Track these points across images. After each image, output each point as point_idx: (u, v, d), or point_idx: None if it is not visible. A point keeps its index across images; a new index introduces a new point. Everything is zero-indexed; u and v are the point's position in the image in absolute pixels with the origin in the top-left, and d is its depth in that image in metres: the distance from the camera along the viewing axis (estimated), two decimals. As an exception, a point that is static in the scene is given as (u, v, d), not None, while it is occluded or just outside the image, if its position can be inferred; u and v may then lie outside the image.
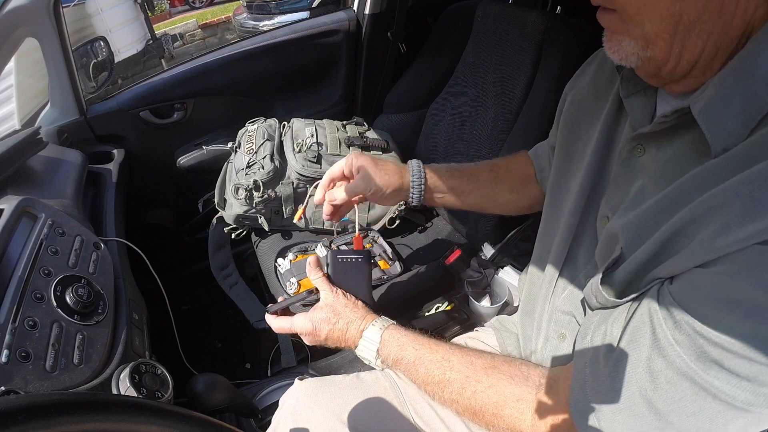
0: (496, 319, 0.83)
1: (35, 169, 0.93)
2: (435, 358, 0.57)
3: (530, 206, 0.80)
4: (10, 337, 0.53)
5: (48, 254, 0.67)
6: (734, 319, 0.34)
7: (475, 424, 0.55)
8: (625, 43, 0.42)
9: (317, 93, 1.51)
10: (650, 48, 0.41)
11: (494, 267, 1.06)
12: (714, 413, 0.36)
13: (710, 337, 0.35)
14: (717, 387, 0.35)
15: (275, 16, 4.65)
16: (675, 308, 0.38)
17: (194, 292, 1.52)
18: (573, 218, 0.58)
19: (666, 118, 0.42)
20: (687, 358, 0.36)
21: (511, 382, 0.52)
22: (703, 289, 0.36)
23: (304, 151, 1.07)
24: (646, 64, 0.43)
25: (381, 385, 0.70)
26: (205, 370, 0.76)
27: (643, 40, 0.41)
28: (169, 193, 1.46)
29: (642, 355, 0.40)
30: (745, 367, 0.34)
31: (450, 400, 0.55)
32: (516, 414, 0.50)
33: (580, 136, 0.60)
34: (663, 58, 0.41)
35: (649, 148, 0.46)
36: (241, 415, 0.89)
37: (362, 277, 0.71)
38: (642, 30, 0.40)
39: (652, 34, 0.40)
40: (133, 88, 1.29)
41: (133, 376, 0.58)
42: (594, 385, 0.43)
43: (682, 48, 0.40)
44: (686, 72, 0.42)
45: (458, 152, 1.24)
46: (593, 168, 0.56)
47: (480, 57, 1.22)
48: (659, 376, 0.38)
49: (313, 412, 0.66)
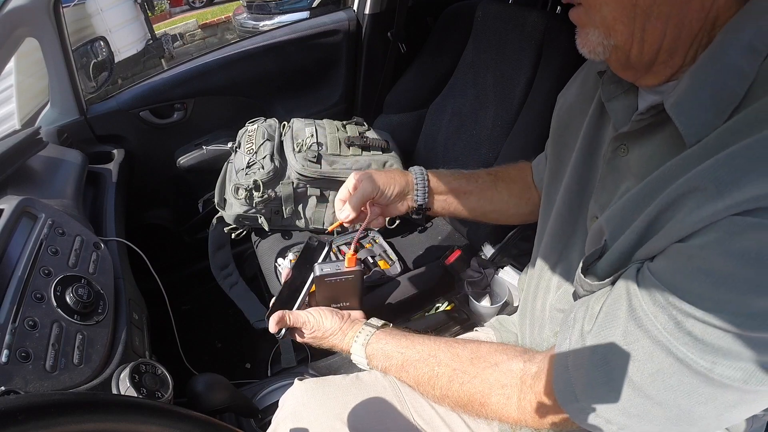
0: (495, 319, 0.83)
1: (35, 169, 0.93)
2: (422, 357, 0.57)
3: (530, 212, 0.81)
4: (10, 337, 0.53)
5: (48, 254, 0.67)
6: (704, 289, 0.34)
7: (469, 416, 0.55)
8: (591, 35, 0.44)
9: (317, 93, 1.51)
10: (612, 35, 0.42)
11: (494, 267, 1.06)
12: (691, 388, 0.36)
13: (683, 308, 0.35)
14: (692, 359, 0.35)
15: (275, 16, 4.65)
16: (650, 282, 0.38)
17: (194, 292, 1.52)
18: (563, 220, 0.59)
19: (642, 115, 0.44)
20: (663, 329, 0.36)
21: (495, 370, 0.53)
22: (675, 262, 0.36)
23: (304, 151, 1.07)
24: (613, 53, 0.44)
25: (381, 384, 0.71)
26: (205, 370, 0.76)
27: (604, 28, 0.42)
28: (169, 193, 1.46)
29: (619, 327, 0.40)
30: (719, 338, 0.33)
31: (441, 396, 0.55)
32: (502, 400, 0.51)
33: (567, 142, 0.62)
34: (625, 43, 0.42)
35: (632, 148, 0.47)
36: (241, 415, 0.89)
37: (353, 294, 0.70)
38: (601, 15, 0.42)
39: (611, 19, 0.41)
40: (133, 88, 1.29)
41: (133, 376, 0.58)
42: (575, 362, 0.43)
43: (643, 32, 0.41)
44: (653, 58, 0.42)
45: (458, 152, 1.24)
46: (579, 170, 0.57)
47: (480, 57, 1.22)
48: (636, 347, 0.38)
49: (313, 413, 0.66)
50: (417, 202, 0.74)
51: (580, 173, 0.57)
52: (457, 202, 0.77)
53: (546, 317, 0.62)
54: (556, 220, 0.61)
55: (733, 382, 0.34)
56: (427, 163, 1.33)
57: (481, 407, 0.52)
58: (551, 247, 0.62)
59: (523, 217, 0.82)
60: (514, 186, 0.80)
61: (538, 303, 0.64)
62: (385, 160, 1.13)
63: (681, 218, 0.36)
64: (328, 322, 0.65)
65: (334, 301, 0.70)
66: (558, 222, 0.60)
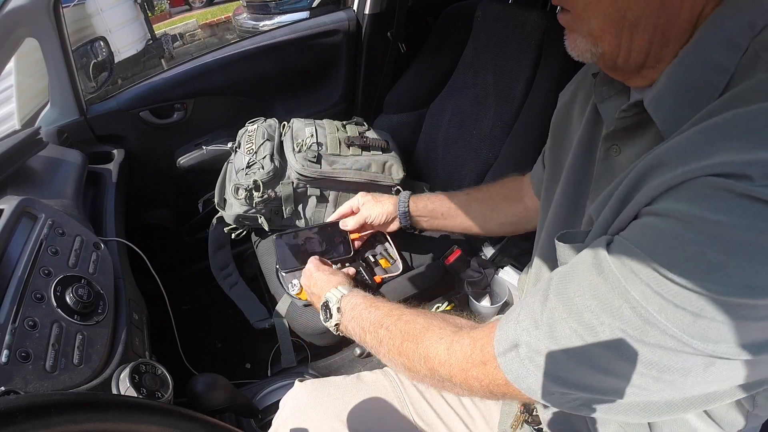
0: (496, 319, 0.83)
1: (35, 169, 0.93)
2: (386, 311, 0.62)
3: (513, 223, 0.84)
4: (10, 337, 0.53)
5: (48, 254, 0.67)
6: (673, 251, 0.32)
7: (404, 363, 0.54)
8: (579, 41, 0.44)
9: (317, 93, 1.51)
10: (599, 44, 0.43)
11: (494, 267, 1.06)
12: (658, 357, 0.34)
13: (651, 270, 0.33)
14: (657, 320, 0.33)
15: (275, 16, 4.65)
16: (615, 240, 0.37)
17: (194, 292, 1.52)
18: (561, 222, 0.59)
19: (625, 113, 0.44)
20: (623, 280, 0.34)
21: (441, 319, 0.54)
22: (644, 226, 0.35)
23: (304, 151, 1.07)
24: (600, 59, 0.45)
25: (381, 385, 0.71)
26: (205, 370, 0.76)
27: (591, 37, 0.43)
28: (169, 193, 1.46)
29: (581, 279, 0.38)
30: (691, 301, 0.31)
31: (386, 335, 0.57)
32: (435, 338, 0.50)
33: (564, 144, 0.62)
34: (612, 52, 0.42)
35: (623, 148, 0.47)
36: (241, 415, 0.89)
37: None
38: (589, 26, 0.42)
39: (598, 30, 0.42)
40: (133, 88, 1.29)
41: (133, 376, 0.58)
42: (526, 314, 0.42)
43: (630, 42, 0.41)
44: (641, 63, 0.43)
45: (458, 152, 1.24)
46: (575, 172, 0.57)
47: (480, 57, 1.22)
48: (597, 298, 0.36)
49: (314, 414, 0.66)
50: (401, 225, 0.92)
51: (577, 175, 0.57)
52: (439, 222, 0.91)
53: None
54: (553, 221, 0.61)
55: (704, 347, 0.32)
56: (427, 163, 1.34)
57: (415, 345, 0.52)
58: (549, 248, 0.62)
59: (505, 228, 0.87)
60: (492, 204, 0.85)
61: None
62: (385, 160, 1.13)
63: (648, 187, 0.35)
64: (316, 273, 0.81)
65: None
66: (555, 224, 0.60)
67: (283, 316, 1.03)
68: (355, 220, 0.94)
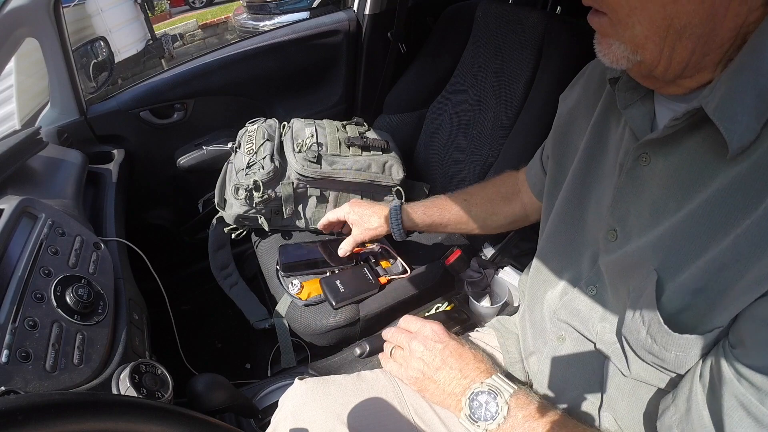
0: (496, 320, 0.83)
1: (35, 169, 0.93)
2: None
3: (513, 222, 0.84)
4: (10, 337, 0.53)
5: (48, 254, 0.67)
6: None
7: None
8: (615, 47, 0.42)
9: (317, 93, 1.51)
10: (640, 52, 0.41)
11: (494, 267, 1.06)
12: None
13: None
14: None
15: (275, 17, 4.66)
16: (752, 373, 0.36)
17: (194, 292, 1.52)
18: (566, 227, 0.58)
19: (677, 121, 0.42)
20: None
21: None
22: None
23: (304, 152, 1.07)
24: (636, 66, 0.43)
25: (381, 384, 0.70)
26: (205, 370, 0.76)
27: (632, 44, 0.41)
28: (169, 193, 1.46)
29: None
30: None
31: None
32: None
33: (568, 148, 0.61)
34: (653, 61, 0.41)
35: (654, 156, 0.46)
36: (241, 415, 0.89)
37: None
38: (632, 33, 0.40)
39: (642, 37, 0.40)
40: (133, 89, 1.29)
41: (133, 376, 0.58)
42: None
43: (672, 51, 0.40)
44: (678, 73, 0.42)
45: (458, 152, 1.24)
46: (581, 178, 0.56)
47: (480, 57, 1.22)
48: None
49: (313, 412, 0.65)
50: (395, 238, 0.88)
51: (583, 181, 0.56)
52: (438, 229, 0.88)
53: (547, 322, 0.62)
54: (558, 227, 0.60)
55: None
56: (427, 163, 1.34)
57: None
58: (553, 253, 0.61)
59: (506, 229, 0.86)
60: (491, 206, 0.84)
61: (542, 308, 0.63)
62: (385, 161, 1.13)
63: (759, 278, 0.34)
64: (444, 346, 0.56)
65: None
66: (560, 229, 0.60)
67: (283, 316, 1.03)
68: (350, 245, 0.94)
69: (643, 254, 0.45)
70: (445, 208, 0.86)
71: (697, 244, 0.41)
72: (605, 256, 0.52)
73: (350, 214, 0.93)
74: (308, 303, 0.98)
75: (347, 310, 0.97)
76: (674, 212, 0.43)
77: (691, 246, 0.41)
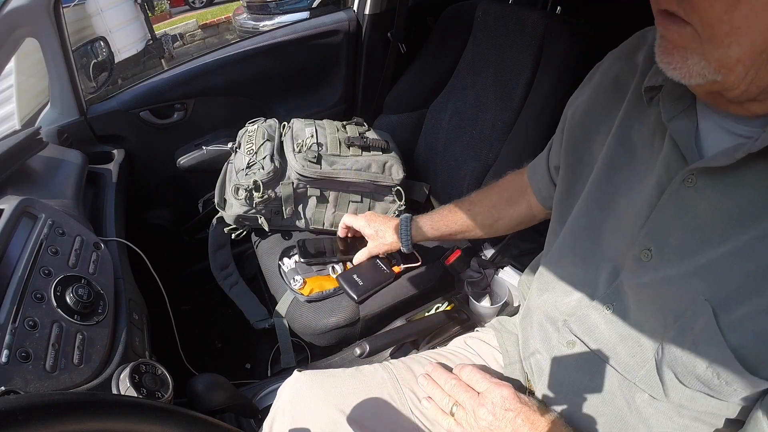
0: (496, 320, 0.83)
1: (35, 169, 0.93)
2: None
3: (519, 224, 0.84)
4: (10, 337, 0.53)
5: (48, 254, 0.67)
6: None
7: None
8: (693, 62, 0.38)
9: (317, 93, 1.51)
10: (723, 72, 0.37)
11: (494, 267, 1.06)
12: None
13: None
14: None
15: (275, 17, 4.66)
16: None
17: (194, 292, 1.52)
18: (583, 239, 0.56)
19: (751, 153, 0.38)
20: None
21: None
22: None
23: (304, 152, 1.07)
24: (711, 85, 0.39)
25: (380, 376, 0.71)
26: (205, 370, 0.76)
27: (719, 64, 0.37)
28: (169, 193, 1.46)
29: None
30: None
31: None
32: None
33: (583, 157, 0.59)
34: (734, 84, 0.38)
35: (703, 180, 0.43)
36: (241, 415, 0.89)
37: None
38: (725, 53, 0.36)
39: (734, 60, 0.36)
40: (133, 89, 1.29)
41: (133, 376, 0.58)
42: None
43: (755, 75, 0.37)
44: (752, 97, 0.39)
45: (458, 152, 1.24)
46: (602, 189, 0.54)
47: (480, 57, 1.22)
48: None
49: (312, 403, 0.65)
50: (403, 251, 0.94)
51: (605, 192, 0.53)
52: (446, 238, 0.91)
53: (550, 329, 0.62)
54: (573, 237, 0.58)
55: None
56: (427, 163, 1.34)
57: None
58: (566, 263, 0.59)
59: (513, 231, 0.87)
60: (497, 212, 0.84)
61: (548, 313, 0.63)
62: (385, 161, 1.13)
63: None
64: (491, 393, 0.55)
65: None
66: (576, 240, 0.57)
67: (283, 316, 1.03)
68: (365, 256, 1.00)
69: (691, 282, 0.43)
70: (451, 220, 0.87)
71: (752, 282, 0.39)
72: (634, 276, 0.49)
73: (366, 228, 0.97)
74: (310, 299, 0.99)
75: (347, 310, 0.98)
76: (721, 242, 0.41)
77: (746, 281, 0.39)
